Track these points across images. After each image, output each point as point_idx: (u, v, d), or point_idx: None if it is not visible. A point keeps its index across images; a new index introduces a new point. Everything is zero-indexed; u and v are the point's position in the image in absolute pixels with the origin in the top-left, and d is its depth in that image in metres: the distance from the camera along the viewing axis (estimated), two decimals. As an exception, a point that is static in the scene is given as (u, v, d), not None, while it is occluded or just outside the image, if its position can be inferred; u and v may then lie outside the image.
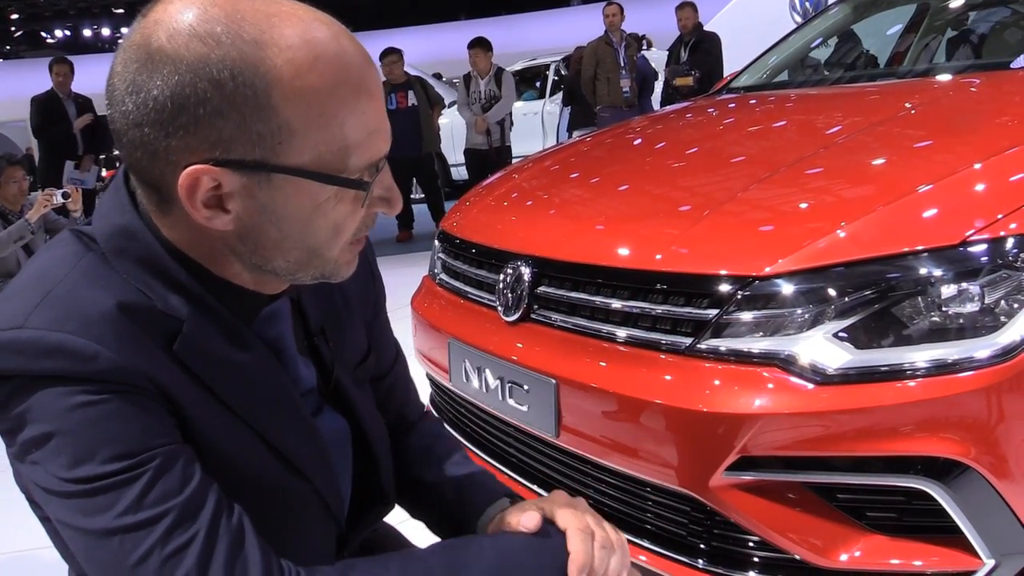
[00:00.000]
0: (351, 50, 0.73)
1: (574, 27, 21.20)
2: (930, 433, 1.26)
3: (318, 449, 0.86)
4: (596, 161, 2.41)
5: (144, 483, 0.69)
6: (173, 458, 0.71)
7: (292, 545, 0.83)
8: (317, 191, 0.73)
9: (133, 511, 0.68)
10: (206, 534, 0.69)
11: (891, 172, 1.67)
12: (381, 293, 1.08)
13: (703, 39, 6.99)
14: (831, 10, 3.43)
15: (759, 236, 1.51)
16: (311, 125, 0.70)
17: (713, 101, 2.96)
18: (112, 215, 0.77)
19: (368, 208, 0.77)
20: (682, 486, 1.41)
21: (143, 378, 0.71)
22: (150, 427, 0.70)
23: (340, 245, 0.77)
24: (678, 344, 1.45)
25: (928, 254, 1.34)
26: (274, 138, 0.70)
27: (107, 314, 0.71)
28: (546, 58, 11.33)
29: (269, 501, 0.81)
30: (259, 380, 0.80)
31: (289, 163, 0.71)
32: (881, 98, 2.44)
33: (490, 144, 7.25)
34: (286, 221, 0.74)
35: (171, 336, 0.74)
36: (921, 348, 1.30)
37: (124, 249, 0.75)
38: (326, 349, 0.92)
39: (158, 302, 0.74)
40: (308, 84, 0.69)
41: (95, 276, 0.73)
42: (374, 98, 0.74)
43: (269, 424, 0.80)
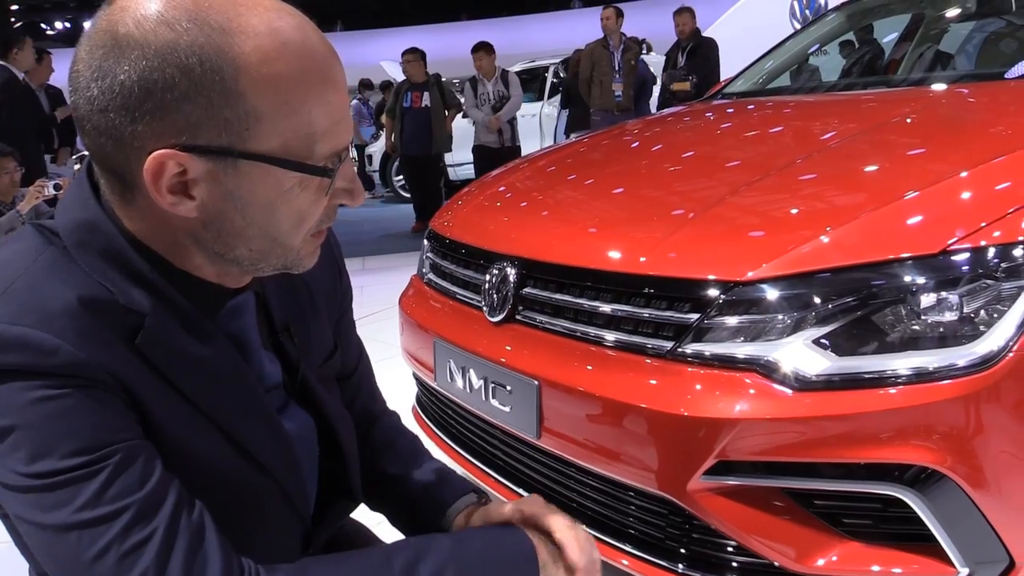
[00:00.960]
0: (316, 40, 0.73)
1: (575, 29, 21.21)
2: (907, 441, 1.26)
3: (282, 445, 0.86)
4: (585, 163, 2.41)
5: (103, 479, 0.68)
6: (133, 454, 0.70)
7: (256, 541, 0.82)
8: (282, 178, 0.73)
9: (91, 506, 0.67)
10: (165, 531, 0.68)
11: (878, 178, 1.68)
12: (348, 292, 1.08)
13: (701, 44, 6.99)
14: (827, 17, 3.43)
15: (742, 241, 1.51)
16: (278, 112, 0.71)
17: (706, 106, 2.97)
18: (74, 209, 0.76)
19: (331, 199, 0.78)
20: (660, 489, 1.41)
21: (104, 373, 0.70)
22: (110, 422, 0.70)
23: (302, 235, 0.77)
24: (660, 348, 1.45)
25: (909, 262, 1.34)
26: (241, 124, 0.70)
27: (68, 308, 0.70)
28: (545, 60, 11.33)
29: (232, 497, 0.80)
30: (222, 374, 0.80)
31: (256, 149, 0.71)
32: (873, 106, 2.44)
33: (502, 143, 7.39)
34: (251, 208, 0.74)
35: (133, 330, 0.73)
36: (900, 356, 1.30)
37: (86, 242, 0.74)
38: (291, 346, 0.92)
39: (120, 296, 0.73)
40: (276, 71, 0.70)
41: (56, 270, 0.73)
42: (339, 88, 0.75)
43: (232, 419, 0.80)
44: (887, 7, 3.60)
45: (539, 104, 10.59)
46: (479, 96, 7.48)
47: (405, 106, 7.33)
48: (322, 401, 0.95)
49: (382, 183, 11.94)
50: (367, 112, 13.01)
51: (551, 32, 23.86)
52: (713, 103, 2.99)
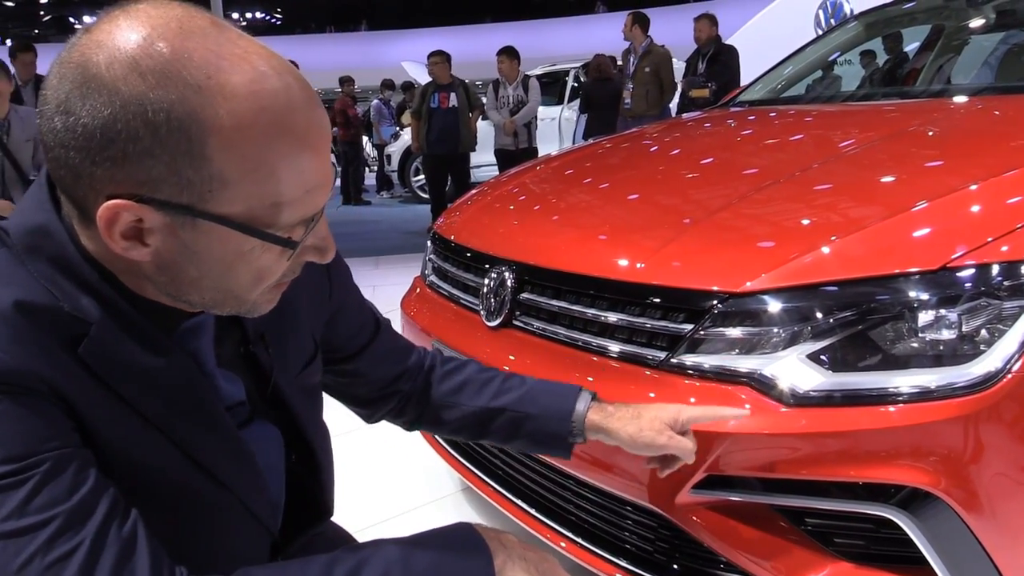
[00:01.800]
0: (300, 103, 0.69)
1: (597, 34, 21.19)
2: (901, 461, 1.23)
3: (240, 457, 0.83)
4: (586, 168, 2.39)
5: (30, 488, 0.66)
6: (64, 463, 0.67)
7: (214, 552, 0.81)
8: (242, 240, 0.70)
9: (17, 516, 0.65)
10: (91, 542, 0.66)
11: (888, 190, 1.64)
12: (339, 285, 1.05)
13: (721, 51, 6.94)
14: (845, 26, 3.39)
15: (741, 250, 1.49)
16: (245, 178, 0.67)
17: (718, 113, 2.94)
18: (30, 212, 0.74)
19: (297, 258, 0.76)
20: (650, 502, 1.39)
21: (38, 380, 0.68)
22: (41, 431, 0.67)
23: (260, 290, 0.75)
24: (653, 358, 1.43)
25: (909, 277, 1.31)
26: (204, 186, 0.67)
27: (4, 313, 0.68)
28: (566, 64, 11.32)
29: (185, 508, 0.78)
30: (175, 386, 0.77)
31: (217, 211, 0.68)
32: (890, 116, 2.40)
33: (517, 145, 7.51)
34: (207, 264, 0.71)
35: (77, 338, 0.71)
36: (897, 374, 1.27)
37: (37, 247, 0.72)
38: (265, 356, 0.90)
39: (65, 303, 0.71)
40: (247, 137, 0.66)
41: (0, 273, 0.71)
42: (317, 153, 0.71)
43: (184, 431, 0.77)
44: (907, 17, 3.56)
45: (559, 108, 10.58)
46: (499, 99, 7.58)
47: (432, 106, 7.43)
48: (296, 411, 0.93)
49: (400, 183, 11.96)
50: (388, 112, 13.04)
51: (574, 36, 23.85)
52: (727, 110, 2.96)
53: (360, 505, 2.24)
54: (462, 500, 2.37)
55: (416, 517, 2.29)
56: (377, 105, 12.97)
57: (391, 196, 12.40)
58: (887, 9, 3.39)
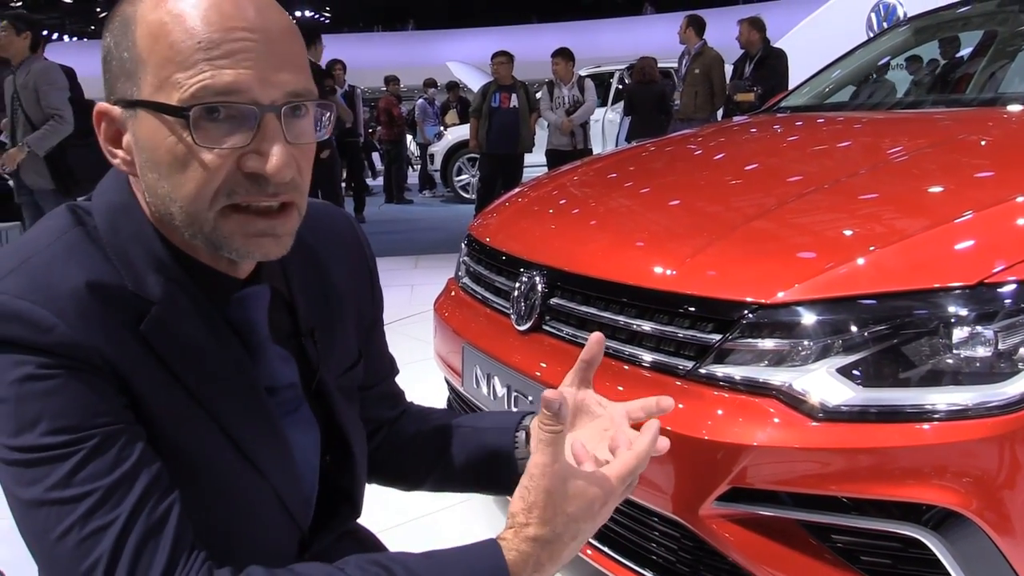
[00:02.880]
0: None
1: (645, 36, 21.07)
2: (931, 480, 1.20)
3: (278, 447, 0.85)
4: (629, 173, 2.37)
5: (77, 460, 0.70)
6: (110, 439, 0.71)
7: (244, 540, 0.83)
8: (160, 124, 0.73)
9: (62, 486, 0.69)
10: (125, 519, 0.69)
11: (930, 200, 1.61)
12: (379, 306, 1.07)
13: (769, 55, 6.85)
14: (891, 32, 3.32)
15: (775, 259, 1.47)
16: (152, 51, 0.73)
17: (763, 118, 2.90)
18: (110, 192, 0.81)
19: (238, 163, 0.74)
20: (673, 512, 1.38)
21: (98, 356, 0.72)
22: (94, 406, 0.71)
23: (208, 200, 0.74)
24: (680, 367, 1.42)
25: (945, 292, 1.28)
26: (135, 72, 0.74)
27: (75, 290, 0.72)
28: (611, 66, 11.26)
29: (221, 493, 0.80)
30: (224, 367, 0.80)
31: (140, 96, 0.74)
32: (938, 124, 2.34)
33: (574, 145, 7.52)
34: (154, 160, 0.75)
35: (139, 316, 0.75)
36: (930, 391, 1.24)
37: (118, 226, 0.78)
38: (313, 350, 0.92)
39: (131, 283, 0.75)
40: (160, 13, 0.73)
41: (74, 251, 0.75)
42: (218, 14, 0.72)
43: (229, 414, 0.80)
44: (960, 22, 3.47)
45: (603, 110, 10.53)
46: (555, 99, 7.63)
47: (493, 106, 7.48)
48: (337, 409, 0.94)
49: (443, 183, 12.02)
50: (432, 112, 13.11)
51: (621, 37, 23.73)
52: (772, 115, 2.92)
53: (385, 505, 2.26)
54: (489, 501, 2.38)
55: (441, 519, 2.30)
56: (422, 104, 13.05)
57: (433, 195, 12.47)
58: (939, 14, 3.32)
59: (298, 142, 0.76)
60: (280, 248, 0.79)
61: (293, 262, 0.91)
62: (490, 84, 7.70)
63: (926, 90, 3.35)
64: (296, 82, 0.75)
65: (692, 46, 7.23)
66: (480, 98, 7.72)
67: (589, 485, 0.75)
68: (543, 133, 8.01)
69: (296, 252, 0.91)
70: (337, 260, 0.98)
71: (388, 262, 6.60)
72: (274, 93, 0.73)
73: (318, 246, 0.96)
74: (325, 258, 0.96)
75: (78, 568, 0.68)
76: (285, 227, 0.78)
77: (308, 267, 0.94)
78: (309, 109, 0.78)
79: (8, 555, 2.23)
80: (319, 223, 0.97)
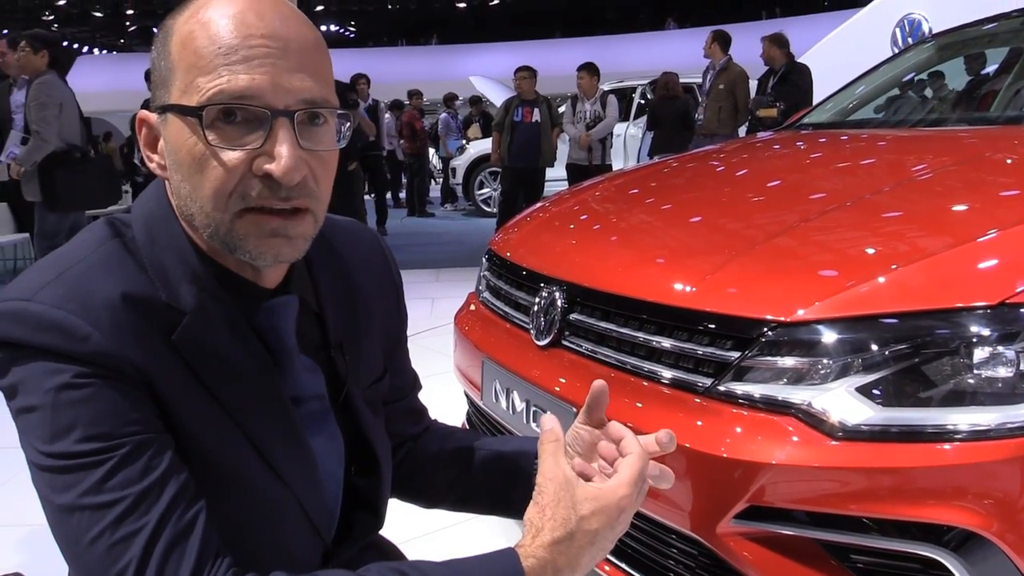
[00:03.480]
0: (250, 9, 0.77)
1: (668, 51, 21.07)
2: (952, 501, 1.19)
3: (303, 457, 0.87)
4: (651, 189, 2.38)
5: (108, 467, 0.72)
6: (142, 447, 0.73)
7: (269, 550, 0.84)
8: (183, 127, 0.76)
9: (94, 492, 0.71)
10: (154, 526, 0.71)
11: (952, 219, 1.60)
12: (404, 322, 1.09)
13: (792, 71, 6.84)
14: (913, 49, 3.31)
15: (795, 276, 1.47)
16: (181, 59, 0.77)
17: (787, 135, 2.90)
18: (150, 204, 0.84)
19: (251, 165, 0.76)
20: (690, 529, 1.38)
21: (130, 366, 0.74)
22: (126, 414, 0.74)
23: (224, 201, 0.76)
24: (699, 384, 1.42)
25: (966, 312, 1.27)
26: (169, 80, 0.78)
27: (110, 301, 0.75)
28: (633, 81, 11.28)
29: (246, 502, 0.82)
30: (251, 376, 0.82)
31: (170, 101, 0.78)
32: (963, 141, 2.33)
33: (591, 160, 7.55)
34: (178, 163, 0.78)
35: (172, 327, 0.78)
36: (950, 411, 1.24)
37: (155, 236, 0.81)
38: (342, 363, 0.93)
39: (164, 293, 0.78)
40: (191, 25, 0.77)
41: (110, 263, 0.78)
42: (242, 24, 0.76)
43: (254, 423, 0.82)
44: (985, 39, 3.45)
45: (624, 125, 10.54)
46: (576, 113, 7.64)
47: (516, 120, 7.52)
48: (364, 421, 0.96)
49: (464, 196, 12.08)
50: (455, 125, 13.19)
51: (644, 53, 23.75)
52: (796, 132, 2.91)
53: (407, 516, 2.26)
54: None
55: (461, 531, 2.30)
56: (445, 118, 13.14)
57: (455, 209, 12.53)
58: (965, 30, 3.30)
59: (314, 149, 0.78)
60: (292, 250, 0.80)
61: (323, 276, 0.94)
62: (513, 98, 7.75)
63: (951, 107, 3.33)
64: (313, 90, 0.77)
65: (717, 61, 7.23)
66: (503, 112, 7.77)
67: (600, 490, 0.78)
68: (564, 147, 8.03)
69: (326, 266, 0.93)
70: (365, 275, 1.00)
71: (409, 275, 6.56)
72: (288, 99, 0.76)
73: (347, 261, 0.98)
74: (354, 273, 0.99)
75: (108, 572, 0.71)
76: (297, 229, 0.79)
77: (337, 281, 0.96)
78: (328, 119, 0.80)
79: (29, 558, 2.27)
80: (348, 239, 1.00)
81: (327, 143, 0.80)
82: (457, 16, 30.24)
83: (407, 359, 1.11)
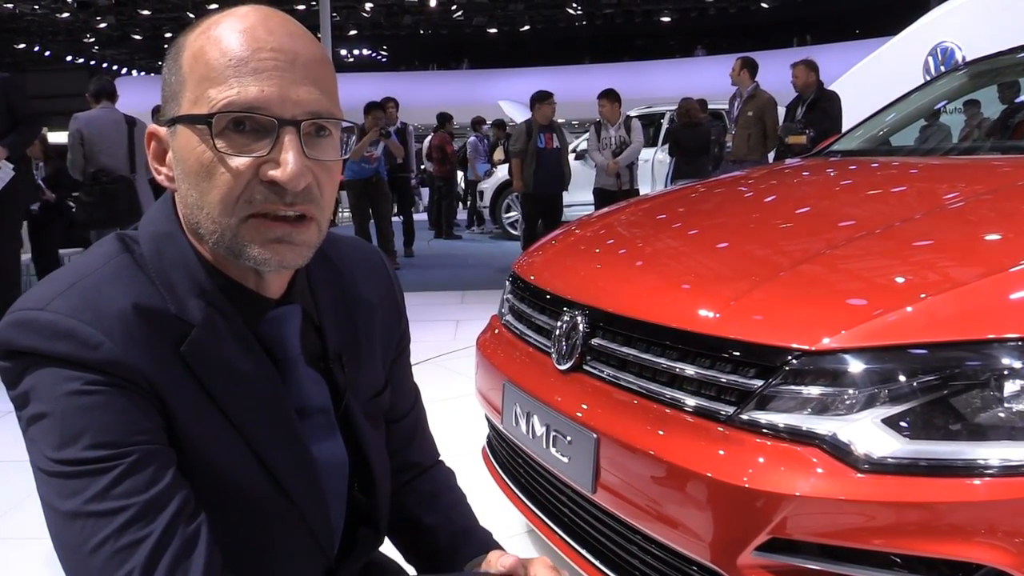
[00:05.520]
0: (260, 25, 0.79)
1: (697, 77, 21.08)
2: (979, 538, 1.16)
3: (305, 471, 0.87)
4: (678, 214, 2.37)
5: (115, 475, 0.73)
6: (148, 457, 0.74)
7: (272, 566, 0.84)
8: (192, 135, 0.78)
9: (99, 499, 0.72)
10: (159, 536, 0.72)
11: (982, 249, 1.57)
12: (406, 335, 1.09)
13: (821, 97, 6.80)
14: (943, 78, 3.28)
15: (821, 304, 1.44)
16: (192, 71, 0.79)
17: (815, 161, 2.87)
18: (157, 222, 0.85)
19: (258, 171, 0.78)
20: (710, 560, 1.35)
21: (140, 376, 0.76)
22: (135, 423, 0.75)
23: (231, 207, 0.78)
24: (721, 412, 1.40)
25: (997, 344, 1.24)
26: (180, 93, 0.80)
27: (121, 312, 0.77)
28: (661, 107, 11.29)
29: (249, 516, 0.82)
30: (258, 391, 0.83)
31: (180, 112, 0.79)
32: (998, 170, 2.29)
33: (619, 186, 7.56)
34: (186, 171, 0.80)
35: (180, 339, 0.79)
36: (979, 445, 1.20)
37: (162, 252, 0.82)
38: (340, 376, 0.94)
39: (173, 306, 0.80)
40: (203, 40, 0.79)
41: (121, 276, 0.80)
42: (252, 38, 0.78)
43: (260, 436, 0.82)
44: (1019, 67, 3.41)
45: (652, 150, 10.54)
46: (602, 140, 7.66)
47: (540, 146, 7.55)
48: (363, 435, 0.96)
49: (491, 219, 12.11)
50: (483, 149, 13.26)
51: (673, 79, 23.79)
52: (825, 159, 2.89)
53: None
54: (528, 542, 2.35)
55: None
56: (473, 142, 13.21)
57: (481, 231, 12.57)
58: (999, 58, 3.27)
59: (318, 159, 0.80)
60: (297, 256, 0.82)
61: (322, 288, 0.94)
62: (531, 125, 7.75)
63: (984, 135, 3.29)
64: (319, 103, 0.80)
65: (745, 88, 7.22)
66: (525, 139, 7.78)
67: None
68: (590, 172, 8.04)
69: (326, 279, 0.94)
70: (366, 290, 1.01)
71: (434, 296, 6.64)
72: (295, 110, 0.78)
73: (348, 275, 0.99)
74: (354, 287, 0.99)
75: None
76: (302, 236, 0.81)
77: (337, 294, 0.97)
78: (333, 131, 0.82)
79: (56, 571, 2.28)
80: (349, 254, 1.01)
81: (331, 154, 0.83)
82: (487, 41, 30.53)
83: (408, 376, 1.11)
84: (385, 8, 26.76)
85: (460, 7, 26.66)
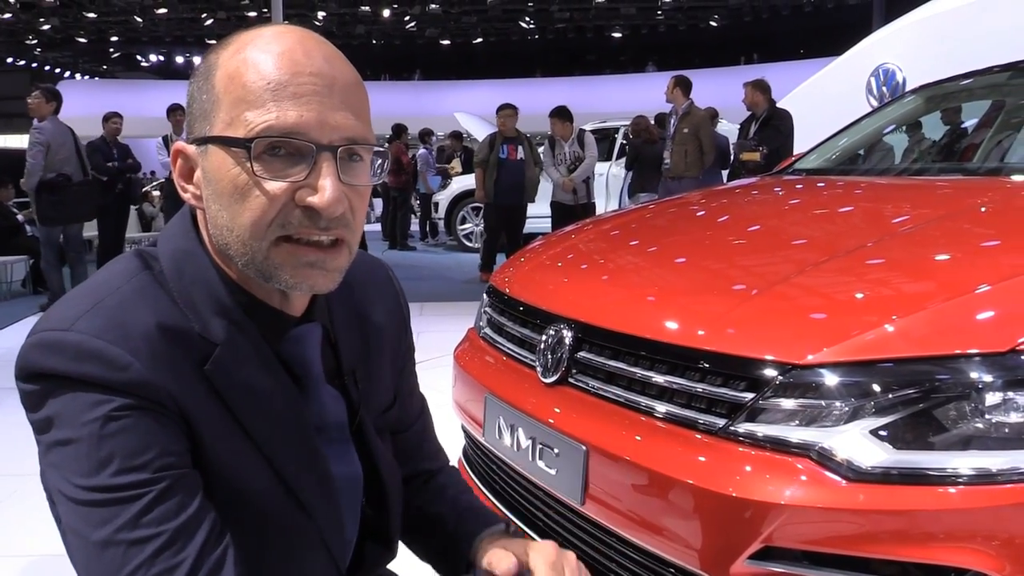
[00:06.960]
0: (298, 47, 0.79)
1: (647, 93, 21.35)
2: (963, 544, 1.22)
3: (326, 489, 0.88)
4: (652, 229, 2.42)
5: (146, 502, 0.72)
6: (178, 482, 0.74)
7: None
8: (227, 157, 0.78)
9: (131, 527, 0.71)
10: (192, 562, 0.71)
11: (950, 269, 1.64)
12: (411, 347, 1.10)
13: (774, 116, 6.99)
14: (905, 98, 3.41)
15: (804, 322, 1.50)
16: (227, 92, 0.79)
17: (778, 180, 2.96)
18: (177, 239, 0.84)
19: (295, 196, 0.78)
20: (702, 569, 1.39)
21: (167, 396, 0.75)
22: (164, 446, 0.74)
23: (263, 230, 0.78)
24: (712, 424, 1.44)
25: (976, 359, 1.31)
26: (211, 112, 0.80)
27: (147, 331, 0.76)
28: (615, 122, 11.45)
29: (268, 532, 0.83)
30: (279, 408, 0.83)
31: (213, 133, 0.79)
32: (948, 192, 2.40)
33: (576, 201, 7.65)
34: (217, 192, 0.79)
35: (204, 358, 0.78)
36: (962, 454, 1.26)
37: (183, 270, 0.81)
38: (355, 391, 0.95)
39: (197, 325, 0.79)
40: (238, 61, 0.79)
41: (144, 294, 0.79)
42: (291, 63, 0.78)
43: (281, 453, 0.83)
44: (968, 92, 3.56)
45: (607, 164, 10.67)
46: (556, 156, 7.73)
47: (502, 157, 7.58)
48: (376, 450, 0.97)
49: (446, 231, 12.11)
50: (433, 162, 13.25)
51: (624, 93, 24.09)
52: (783, 178, 2.98)
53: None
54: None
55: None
56: (423, 155, 13.19)
57: (436, 243, 12.55)
58: (946, 84, 3.41)
59: (352, 183, 0.81)
60: (328, 282, 0.82)
61: (336, 304, 0.95)
62: (495, 135, 7.81)
63: (936, 158, 3.42)
64: (355, 129, 0.80)
65: (680, 106, 7.38)
66: (487, 149, 7.82)
67: None
68: (547, 185, 8.11)
69: (338, 295, 0.95)
70: (375, 304, 1.02)
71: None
72: (332, 135, 0.78)
73: (358, 290, 1.00)
74: (364, 302, 1.00)
75: None
76: (335, 262, 0.82)
77: (349, 309, 0.98)
78: (365, 156, 0.83)
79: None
80: (359, 268, 1.02)
81: (364, 178, 0.83)
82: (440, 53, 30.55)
83: (414, 385, 1.13)
84: (338, 17, 26.61)
85: (413, 18, 26.65)
